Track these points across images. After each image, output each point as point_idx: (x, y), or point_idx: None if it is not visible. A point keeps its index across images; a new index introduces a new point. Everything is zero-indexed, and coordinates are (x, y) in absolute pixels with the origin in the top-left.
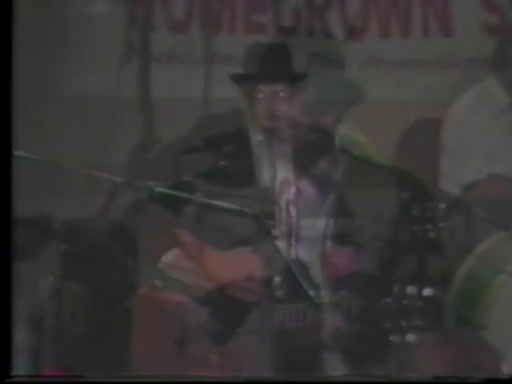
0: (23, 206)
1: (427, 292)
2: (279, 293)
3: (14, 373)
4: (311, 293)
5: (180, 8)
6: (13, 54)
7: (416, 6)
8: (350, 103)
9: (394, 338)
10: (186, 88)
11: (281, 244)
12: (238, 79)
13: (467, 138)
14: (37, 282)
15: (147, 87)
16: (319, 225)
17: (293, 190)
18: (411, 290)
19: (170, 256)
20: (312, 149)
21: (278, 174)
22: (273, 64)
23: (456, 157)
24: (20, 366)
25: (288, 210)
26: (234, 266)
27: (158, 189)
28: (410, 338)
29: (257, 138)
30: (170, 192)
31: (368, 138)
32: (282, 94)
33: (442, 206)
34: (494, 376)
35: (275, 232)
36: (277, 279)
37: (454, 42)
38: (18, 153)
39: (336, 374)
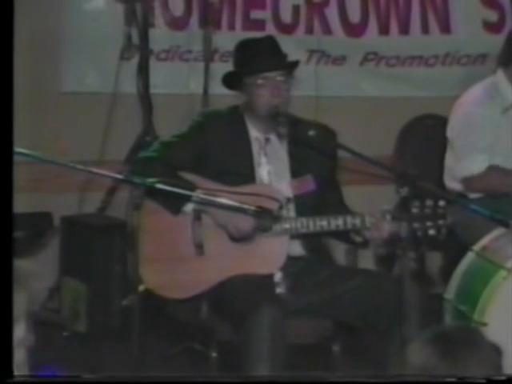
0: (23, 202)
1: (442, 203)
2: (280, 289)
3: (15, 372)
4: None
5: (179, 5)
6: (13, 52)
7: (415, 3)
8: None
9: (419, 234)
10: (186, 84)
11: (281, 240)
12: (233, 77)
13: (473, 132)
14: (37, 280)
15: (147, 84)
16: (318, 221)
17: (291, 186)
18: (429, 202)
19: None
20: (311, 145)
21: (277, 170)
22: (267, 55)
23: (461, 151)
24: (20, 365)
25: (287, 207)
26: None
27: (158, 185)
28: (432, 232)
29: (254, 134)
30: (170, 189)
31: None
32: (279, 78)
33: (442, 203)
34: (494, 375)
35: (275, 228)
36: (278, 275)
37: (453, 39)
38: (18, 149)
39: (336, 374)
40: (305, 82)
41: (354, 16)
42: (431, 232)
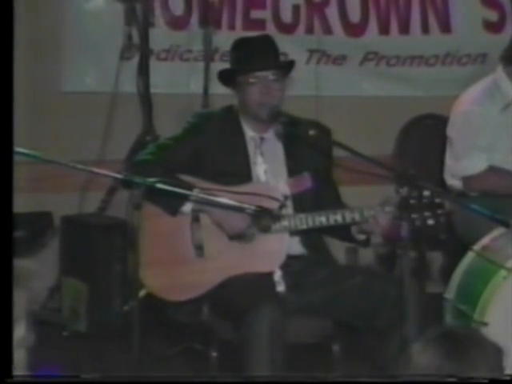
0: (23, 202)
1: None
2: (279, 288)
3: (15, 372)
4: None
5: (179, 4)
6: (13, 52)
7: (415, 2)
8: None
9: (418, 224)
10: (186, 84)
11: (281, 238)
12: (228, 74)
13: (472, 131)
14: (37, 280)
15: (147, 83)
16: (317, 217)
17: (288, 184)
18: (427, 193)
19: None
20: (308, 143)
21: (273, 169)
22: (260, 54)
23: (460, 150)
24: (20, 365)
25: (285, 205)
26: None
27: (158, 185)
28: (431, 222)
29: (249, 134)
30: (169, 188)
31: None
32: (271, 77)
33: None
34: (496, 375)
35: (274, 227)
36: (277, 274)
37: (453, 39)
38: (18, 149)
39: (336, 374)
40: (305, 81)
41: (354, 16)
42: (430, 222)
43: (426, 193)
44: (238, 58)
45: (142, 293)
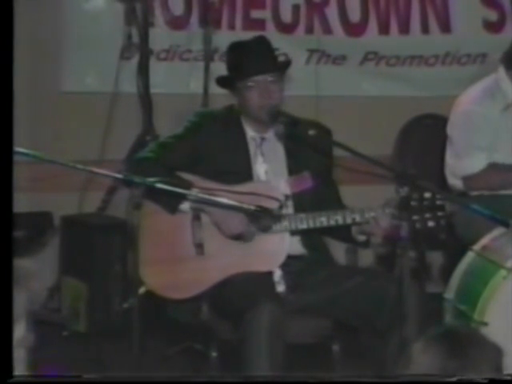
0: (23, 202)
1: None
2: (279, 288)
3: (15, 372)
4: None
5: (179, 4)
6: (13, 52)
7: (415, 2)
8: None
9: (418, 226)
10: (186, 84)
11: (281, 238)
12: (226, 81)
13: (472, 131)
14: (37, 279)
15: (147, 83)
16: (318, 217)
17: (289, 184)
18: (427, 194)
19: None
20: (308, 143)
21: (274, 168)
22: (257, 58)
23: (460, 149)
24: (20, 364)
25: (286, 204)
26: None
27: (158, 185)
28: (431, 224)
29: (250, 133)
30: (170, 188)
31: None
32: (269, 79)
33: (439, 196)
34: (496, 375)
35: (274, 227)
36: (277, 274)
37: (453, 39)
38: (18, 149)
39: (336, 374)
40: (305, 81)
41: (354, 15)
42: (430, 224)
43: (427, 194)
44: (235, 64)
45: (141, 290)
